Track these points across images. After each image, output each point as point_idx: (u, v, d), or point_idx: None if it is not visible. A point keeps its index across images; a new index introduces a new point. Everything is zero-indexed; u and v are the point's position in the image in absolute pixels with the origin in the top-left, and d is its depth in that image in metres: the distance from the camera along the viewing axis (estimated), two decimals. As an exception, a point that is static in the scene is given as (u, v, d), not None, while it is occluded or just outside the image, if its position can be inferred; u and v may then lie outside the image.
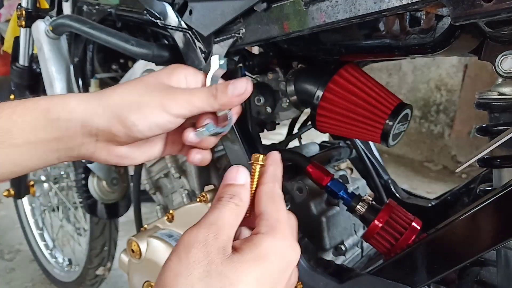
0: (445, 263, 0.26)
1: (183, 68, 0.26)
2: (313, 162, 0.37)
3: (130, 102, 0.23)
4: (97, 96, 0.24)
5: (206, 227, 0.19)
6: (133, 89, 0.24)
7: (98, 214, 0.64)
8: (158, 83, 0.24)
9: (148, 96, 0.23)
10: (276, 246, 0.19)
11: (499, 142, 0.25)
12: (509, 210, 0.23)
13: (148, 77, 0.25)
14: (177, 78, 0.25)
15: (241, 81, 0.24)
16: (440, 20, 0.26)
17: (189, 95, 0.24)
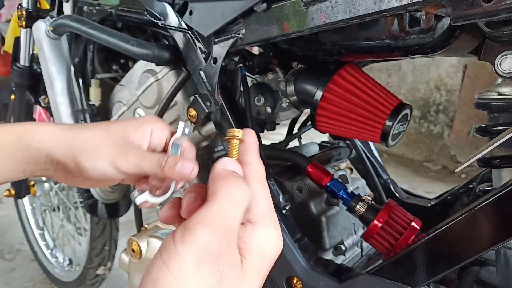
0: (444, 262, 0.26)
1: (152, 123, 0.28)
2: (313, 162, 0.37)
3: (89, 149, 0.26)
4: (65, 132, 0.27)
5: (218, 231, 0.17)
6: (97, 137, 0.27)
7: (98, 214, 0.64)
8: (121, 137, 0.27)
9: (106, 148, 0.26)
10: (271, 237, 0.20)
11: (499, 142, 0.25)
12: (508, 210, 0.23)
13: (116, 127, 0.27)
14: (142, 132, 0.28)
15: (189, 164, 0.26)
16: (440, 21, 0.26)
17: (140, 158, 0.26)
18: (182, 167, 0.25)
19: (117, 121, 0.29)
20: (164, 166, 0.26)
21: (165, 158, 0.26)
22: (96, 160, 0.26)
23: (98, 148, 0.26)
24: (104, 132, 0.27)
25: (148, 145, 0.28)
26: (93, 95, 0.53)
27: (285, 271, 0.32)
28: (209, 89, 0.36)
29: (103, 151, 0.26)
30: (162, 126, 0.29)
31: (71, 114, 0.55)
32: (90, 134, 0.26)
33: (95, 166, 0.26)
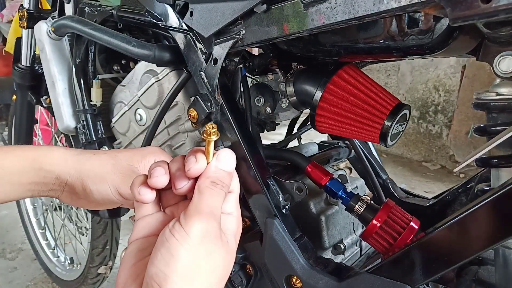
0: (443, 261, 0.26)
1: (156, 154, 0.30)
2: (312, 162, 0.38)
3: (96, 174, 0.28)
4: (76, 157, 0.29)
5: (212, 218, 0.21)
6: (105, 164, 0.29)
7: (100, 214, 0.64)
8: (127, 166, 0.29)
9: (111, 175, 0.28)
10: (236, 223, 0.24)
11: (497, 142, 0.25)
12: (507, 209, 0.23)
13: (123, 156, 0.30)
14: (147, 163, 0.30)
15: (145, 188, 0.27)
16: (439, 21, 0.27)
17: None
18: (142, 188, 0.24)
19: (124, 150, 0.31)
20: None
21: None
22: (101, 185, 0.28)
23: (105, 174, 0.28)
24: (112, 160, 0.29)
25: None
26: (95, 96, 0.53)
27: (284, 270, 0.32)
28: (209, 89, 0.37)
29: (108, 177, 0.28)
30: (166, 157, 0.30)
31: (73, 114, 0.56)
32: (98, 161, 0.29)
33: (100, 190, 0.28)
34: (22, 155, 0.28)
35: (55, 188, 0.29)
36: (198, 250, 0.20)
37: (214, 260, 0.21)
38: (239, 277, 0.36)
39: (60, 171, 0.28)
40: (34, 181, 0.28)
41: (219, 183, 0.22)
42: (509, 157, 0.27)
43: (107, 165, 0.29)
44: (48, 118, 0.88)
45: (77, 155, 0.29)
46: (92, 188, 0.28)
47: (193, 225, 0.20)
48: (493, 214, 0.24)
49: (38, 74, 0.68)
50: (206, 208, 0.21)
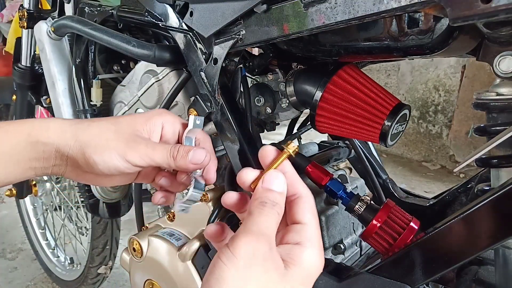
0: (443, 262, 0.26)
1: (161, 116, 0.28)
2: (312, 162, 0.38)
3: (97, 144, 0.25)
4: (73, 127, 0.26)
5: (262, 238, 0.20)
6: (105, 131, 0.26)
7: (100, 214, 0.65)
8: (130, 131, 0.26)
9: (114, 141, 0.26)
10: (316, 260, 0.21)
11: (497, 142, 0.25)
12: (507, 209, 0.23)
13: (124, 120, 0.27)
14: (151, 126, 0.27)
15: (201, 152, 0.26)
16: (439, 21, 0.27)
17: (152, 150, 0.26)
18: (194, 156, 0.25)
19: (125, 115, 0.28)
20: (176, 156, 0.25)
21: (177, 148, 0.25)
22: (105, 154, 0.25)
23: (107, 142, 0.25)
24: (113, 126, 0.26)
25: (160, 138, 0.28)
26: (95, 96, 0.53)
27: (285, 270, 0.32)
28: (209, 89, 0.37)
29: (111, 145, 0.25)
30: (173, 119, 0.28)
31: (73, 114, 0.56)
32: (98, 128, 0.26)
33: (104, 159, 0.25)
34: (15, 130, 0.25)
35: (57, 163, 0.26)
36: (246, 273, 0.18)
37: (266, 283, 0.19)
38: (239, 277, 0.36)
39: (59, 143, 0.25)
40: (33, 157, 0.25)
41: (269, 202, 0.21)
42: (509, 157, 0.27)
43: (108, 133, 0.26)
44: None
45: (74, 124, 0.26)
46: (95, 159, 0.25)
47: (240, 245, 0.19)
48: (493, 214, 0.24)
49: (38, 74, 0.68)
50: (254, 227, 0.20)
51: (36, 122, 0.26)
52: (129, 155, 0.25)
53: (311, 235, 0.22)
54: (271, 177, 0.23)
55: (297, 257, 0.20)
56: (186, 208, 0.27)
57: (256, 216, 0.21)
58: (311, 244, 0.21)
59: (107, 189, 0.60)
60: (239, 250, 0.19)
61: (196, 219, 0.41)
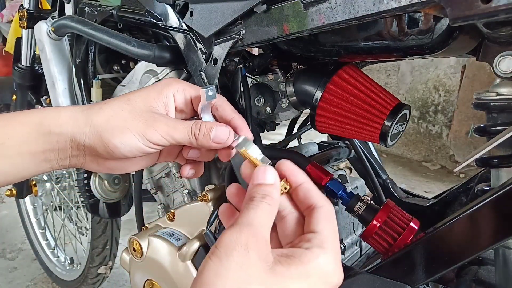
0: (443, 262, 0.26)
1: (172, 86, 0.26)
2: (312, 162, 0.37)
3: (114, 126, 0.24)
4: (85, 112, 0.25)
5: (245, 228, 0.19)
6: (119, 111, 0.24)
7: (100, 214, 0.65)
8: (145, 108, 0.25)
9: (132, 121, 0.24)
10: (326, 265, 0.19)
11: (497, 142, 0.25)
12: (507, 209, 0.23)
13: (137, 98, 0.25)
14: (165, 99, 0.26)
15: (223, 130, 0.25)
16: (438, 21, 0.27)
17: (172, 128, 0.24)
18: (217, 135, 0.24)
19: (136, 92, 0.26)
20: (198, 135, 0.24)
21: (198, 126, 0.24)
22: (124, 136, 0.24)
23: (123, 123, 0.24)
24: (126, 105, 0.24)
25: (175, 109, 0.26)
26: (95, 96, 0.53)
27: (285, 270, 0.32)
28: (209, 89, 0.37)
29: (129, 125, 0.24)
30: (182, 86, 0.26)
31: (73, 114, 0.56)
32: (111, 109, 0.24)
33: (125, 142, 0.24)
34: (25, 120, 0.24)
35: (74, 153, 0.24)
36: (228, 260, 0.17)
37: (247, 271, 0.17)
38: (239, 277, 0.36)
39: (73, 132, 0.24)
40: (46, 148, 0.24)
41: (257, 196, 0.21)
42: (509, 157, 0.27)
43: (123, 112, 0.24)
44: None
45: (86, 109, 0.24)
46: (115, 143, 0.23)
47: (223, 237, 0.18)
48: (493, 214, 0.24)
49: (38, 74, 0.68)
50: (240, 219, 0.19)
51: (46, 111, 0.24)
52: (149, 134, 0.24)
53: (322, 242, 0.20)
54: (259, 172, 0.22)
55: (301, 256, 0.19)
56: None
57: (245, 210, 0.20)
58: (321, 250, 0.19)
59: (107, 189, 0.60)
60: (221, 241, 0.18)
61: (196, 219, 0.41)
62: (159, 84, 0.26)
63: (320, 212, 0.21)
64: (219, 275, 0.17)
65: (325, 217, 0.21)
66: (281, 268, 0.18)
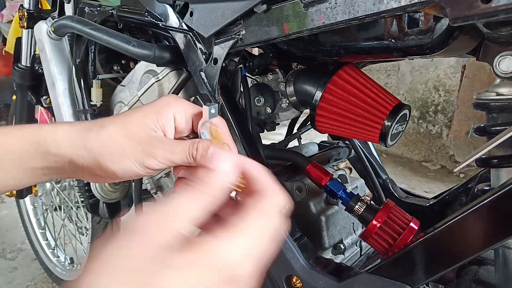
0: (443, 262, 0.26)
1: (172, 106, 0.26)
2: (312, 162, 0.38)
3: (111, 153, 0.24)
4: (82, 135, 0.25)
5: (154, 213, 0.18)
6: (116, 137, 0.24)
7: (100, 214, 0.64)
8: (142, 133, 0.25)
9: (129, 148, 0.24)
10: (223, 257, 0.17)
11: (497, 142, 0.25)
12: (507, 209, 0.23)
13: (134, 122, 0.25)
14: (163, 120, 0.25)
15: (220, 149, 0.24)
16: (439, 21, 0.27)
17: (169, 152, 0.24)
18: (214, 154, 0.23)
19: (134, 113, 0.25)
20: (196, 156, 0.24)
21: (195, 147, 0.24)
22: (122, 163, 0.24)
23: (121, 149, 0.24)
24: (123, 130, 0.24)
25: (174, 130, 0.26)
26: (95, 96, 0.53)
27: (284, 270, 0.32)
28: (209, 89, 0.37)
29: (127, 152, 0.24)
30: (183, 106, 0.26)
31: (73, 114, 0.56)
32: (108, 136, 0.24)
33: (122, 168, 0.24)
34: (24, 137, 0.24)
35: (72, 170, 0.25)
36: (110, 244, 0.16)
37: (134, 253, 0.16)
38: (239, 277, 0.36)
39: (71, 155, 0.24)
40: (45, 166, 0.24)
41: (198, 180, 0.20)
42: (509, 157, 0.27)
43: (120, 138, 0.24)
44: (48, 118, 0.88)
45: (84, 131, 0.25)
46: (113, 169, 0.24)
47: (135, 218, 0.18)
48: (493, 214, 0.24)
49: (38, 74, 0.68)
50: (164, 201, 0.18)
51: (44, 129, 0.25)
52: (147, 161, 0.24)
53: (236, 230, 0.18)
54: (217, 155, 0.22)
55: (202, 243, 0.17)
56: None
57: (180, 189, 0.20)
58: (229, 239, 0.17)
59: (107, 189, 0.60)
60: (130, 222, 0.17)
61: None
62: (157, 104, 0.26)
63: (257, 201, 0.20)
64: (98, 259, 0.16)
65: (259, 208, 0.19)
66: (170, 256, 0.16)
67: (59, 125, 0.26)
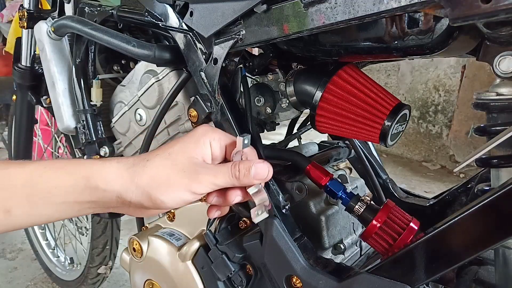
0: (443, 262, 0.26)
1: (208, 135, 0.28)
2: (312, 162, 0.38)
3: (159, 184, 0.26)
4: (130, 171, 0.27)
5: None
6: (162, 168, 0.27)
7: (100, 214, 0.64)
8: (185, 161, 0.27)
9: (175, 177, 0.26)
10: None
11: (497, 142, 0.25)
12: (507, 209, 0.23)
13: (177, 152, 0.27)
14: (202, 147, 0.28)
15: (262, 166, 0.27)
16: (439, 21, 0.27)
17: (214, 176, 0.27)
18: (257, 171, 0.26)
19: (175, 144, 0.28)
20: (239, 176, 0.26)
21: (237, 168, 0.27)
22: (171, 192, 0.26)
23: (168, 180, 0.26)
24: (168, 161, 0.27)
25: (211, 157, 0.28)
26: (95, 96, 0.53)
27: (284, 270, 0.32)
28: (209, 89, 0.37)
29: (174, 182, 0.26)
30: (218, 136, 0.29)
31: (73, 114, 0.56)
32: (156, 168, 0.26)
33: (172, 198, 0.26)
34: (73, 172, 0.26)
35: (118, 205, 0.27)
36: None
37: None
38: (239, 277, 0.36)
39: (120, 190, 0.26)
40: (92, 200, 0.26)
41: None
42: (509, 157, 0.27)
43: (166, 169, 0.26)
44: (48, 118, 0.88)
45: (131, 167, 0.26)
46: (163, 199, 0.26)
47: None
48: (493, 214, 0.24)
49: (38, 74, 0.68)
50: None
51: (93, 166, 0.26)
52: (194, 187, 0.26)
53: None
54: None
55: None
56: (263, 213, 0.28)
57: None
58: None
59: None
60: None
61: (196, 219, 0.41)
62: (195, 134, 0.29)
63: None
64: None
65: None
66: None
67: (107, 161, 0.27)
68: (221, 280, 0.36)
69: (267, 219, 0.33)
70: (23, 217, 0.25)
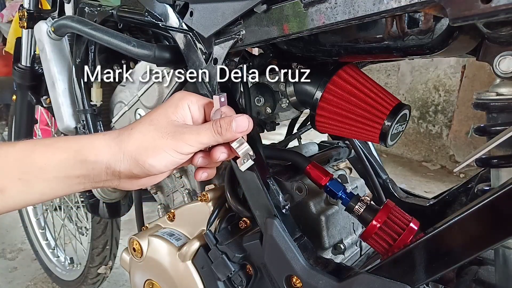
0: (443, 262, 0.26)
1: (186, 98, 0.29)
2: (312, 162, 0.38)
3: (146, 148, 0.27)
4: (117, 140, 0.27)
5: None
6: (147, 133, 0.27)
7: (100, 214, 0.65)
8: (168, 125, 0.28)
9: (161, 140, 0.27)
10: None
11: (497, 142, 0.25)
12: (507, 209, 0.23)
13: (157, 117, 0.28)
14: (182, 111, 0.29)
15: (242, 119, 0.28)
16: (439, 21, 0.27)
17: (197, 134, 0.27)
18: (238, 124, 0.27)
19: (156, 110, 0.29)
20: (222, 130, 0.27)
21: (218, 124, 0.27)
22: (158, 155, 0.26)
23: (154, 143, 0.27)
24: (151, 126, 0.27)
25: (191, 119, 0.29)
26: (95, 96, 0.53)
27: (284, 270, 0.32)
28: (209, 89, 0.37)
29: (160, 144, 0.26)
30: (195, 98, 0.29)
31: (73, 114, 0.56)
32: (140, 134, 0.27)
33: (160, 160, 0.26)
34: (64, 146, 0.26)
35: (108, 178, 0.27)
36: None
37: None
38: (239, 277, 0.36)
39: (109, 161, 0.26)
40: (82, 174, 0.26)
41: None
42: (509, 157, 0.27)
43: (151, 133, 0.27)
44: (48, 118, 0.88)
45: (117, 136, 0.27)
46: (151, 162, 0.26)
47: None
48: (493, 214, 0.24)
49: (38, 74, 0.68)
50: None
51: (82, 140, 0.27)
52: (180, 146, 0.27)
53: None
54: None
55: None
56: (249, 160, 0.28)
57: None
58: None
59: (107, 189, 0.60)
60: None
61: (196, 219, 0.41)
62: (173, 99, 0.29)
63: None
64: None
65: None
66: None
67: (95, 135, 0.28)
68: (221, 280, 0.37)
69: (267, 219, 0.33)
70: (17, 196, 0.25)
